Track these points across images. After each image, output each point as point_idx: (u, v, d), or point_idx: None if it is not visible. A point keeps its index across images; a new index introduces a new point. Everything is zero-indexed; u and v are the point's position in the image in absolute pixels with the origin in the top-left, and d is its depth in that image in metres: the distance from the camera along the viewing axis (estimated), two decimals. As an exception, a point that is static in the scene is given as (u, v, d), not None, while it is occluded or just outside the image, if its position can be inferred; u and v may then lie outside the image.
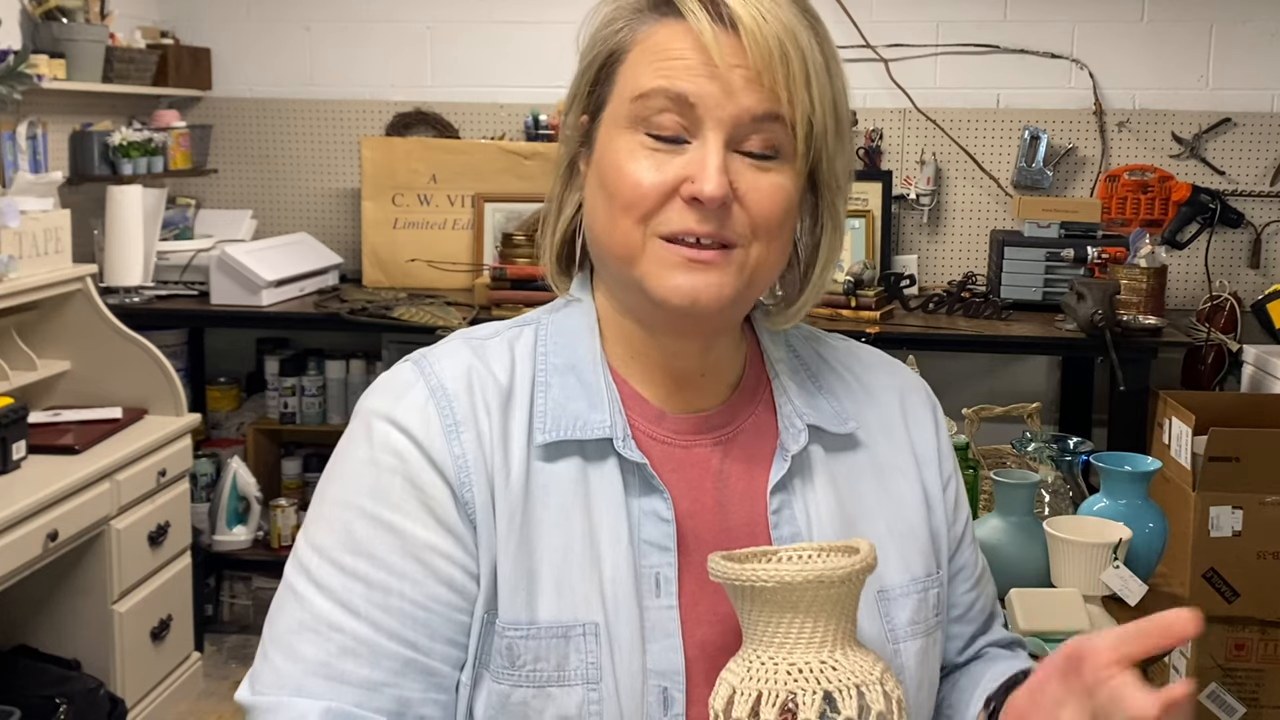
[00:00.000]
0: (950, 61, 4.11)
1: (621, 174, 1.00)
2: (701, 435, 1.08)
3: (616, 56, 1.03)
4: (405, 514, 0.99)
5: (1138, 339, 3.49)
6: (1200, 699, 3.27)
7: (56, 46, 3.55)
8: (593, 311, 1.09)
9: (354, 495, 1.01)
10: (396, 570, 0.99)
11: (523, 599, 0.99)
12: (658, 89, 0.99)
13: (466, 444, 1.01)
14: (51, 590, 3.01)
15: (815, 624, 0.93)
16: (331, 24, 4.31)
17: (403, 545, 0.99)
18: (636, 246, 1.00)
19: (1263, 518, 3.16)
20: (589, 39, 1.07)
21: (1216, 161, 4.04)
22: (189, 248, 3.94)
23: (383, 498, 1.00)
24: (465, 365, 1.06)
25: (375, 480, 1.00)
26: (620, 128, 1.01)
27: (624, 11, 1.04)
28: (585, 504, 1.02)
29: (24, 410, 2.89)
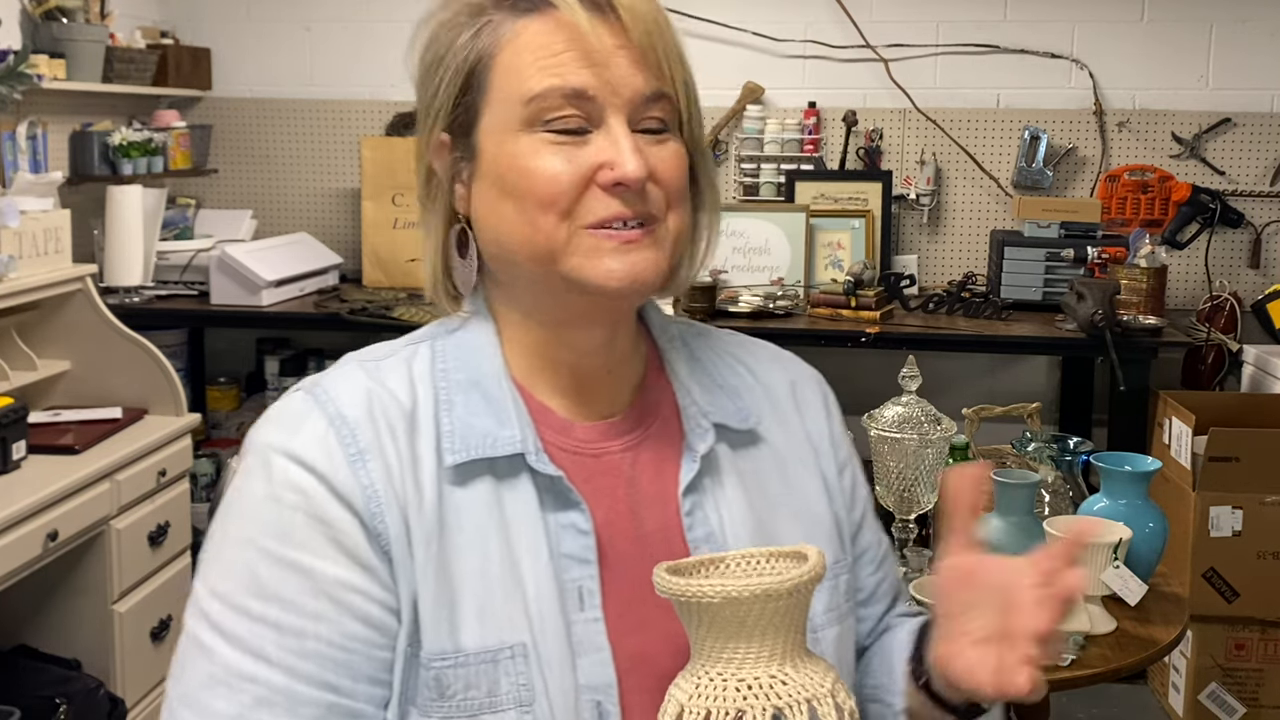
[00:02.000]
0: (950, 61, 4.11)
1: (532, 174, 0.98)
2: (611, 442, 1.06)
3: (483, 64, 1.00)
4: (313, 552, 0.95)
5: (1138, 339, 3.48)
6: (1200, 699, 3.27)
7: (56, 46, 3.55)
8: (491, 325, 1.06)
9: (256, 535, 0.96)
10: (309, 611, 0.94)
11: (445, 628, 0.95)
12: (551, 88, 0.97)
13: (374, 473, 0.97)
14: (51, 590, 3.01)
15: (764, 638, 0.91)
16: (331, 24, 4.31)
17: (313, 585, 0.94)
18: (560, 242, 0.98)
19: (1263, 518, 3.16)
20: (434, 55, 1.02)
21: (1216, 161, 4.04)
22: (189, 248, 3.94)
23: (287, 536, 0.95)
24: (363, 389, 1.02)
25: (278, 518, 0.95)
26: (513, 131, 0.98)
27: (467, 19, 1.01)
28: (501, 523, 0.99)
29: (24, 410, 2.89)
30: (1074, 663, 1.91)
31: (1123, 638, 2.01)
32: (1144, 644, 2.00)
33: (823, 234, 3.98)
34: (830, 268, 3.96)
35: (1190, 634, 3.17)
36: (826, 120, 4.14)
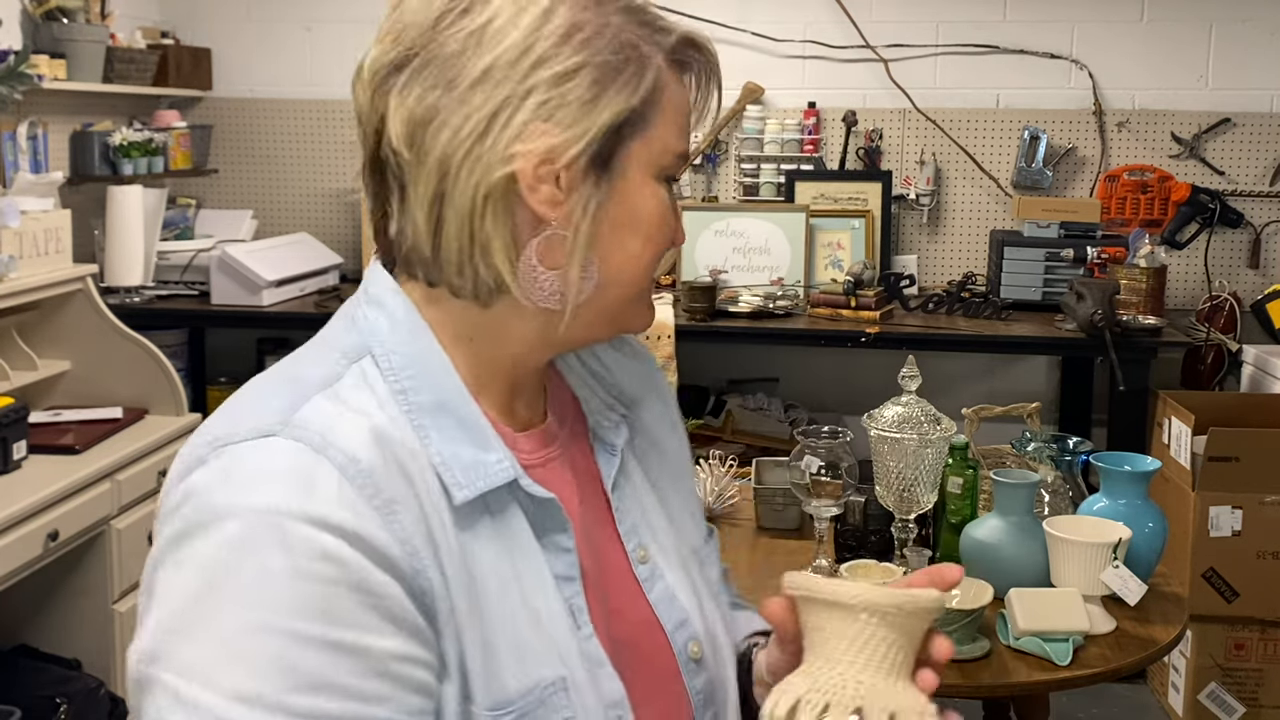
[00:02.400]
0: (950, 61, 4.11)
1: (664, 223, 0.96)
2: (549, 449, 1.01)
3: (654, 102, 0.94)
4: (362, 628, 0.81)
5: (1137, 339, 3.49)
6: (1200, 699, 3.27)
7: (57, 47, 3.55)
8: (429, 334, 0.94)
9: (283, 620, 0.79)
10: (367, 695, 0.81)
11: (492, 677, 0.89)
12: (684, 153, 0.98)
13: (406, 525, 0.85)
14: (52, 590, 3.01)
15: (888, 650, 0.93)
16: (331, 24, 4.31)
17: (367, 664, 0.81)
18: (645, 291, 0.99)
19: (1262, 517, 3.16)
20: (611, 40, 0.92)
21: (1216, 161, 4.05)
22: (189, 248, 3.95)
23: (329, 615, 0.80)
24: (360, 425, 0.87)
25: (312, 596, 0.80)
26: (651, 175, 0.94)
27: (654, 48, 0.96)
28: (509, 556, 0.92)
29: (24, 410, 2.89)
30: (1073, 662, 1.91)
31: (1122, 637, 2.01)
32: (1144, 644, 2.00)
33: (823, 234, 3.98)
34: (830, 268, 3.96)
35: (1190, 634, 3.17)
36: (826, 120, 4.14)
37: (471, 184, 0.89)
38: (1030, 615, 1.94)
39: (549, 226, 0.91)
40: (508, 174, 0.88)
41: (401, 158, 0.91)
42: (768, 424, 4.02)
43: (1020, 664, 1.91)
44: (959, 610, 1.90)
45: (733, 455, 2.69)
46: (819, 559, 2.22)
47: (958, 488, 2.19)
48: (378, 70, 0.92)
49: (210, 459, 0.84)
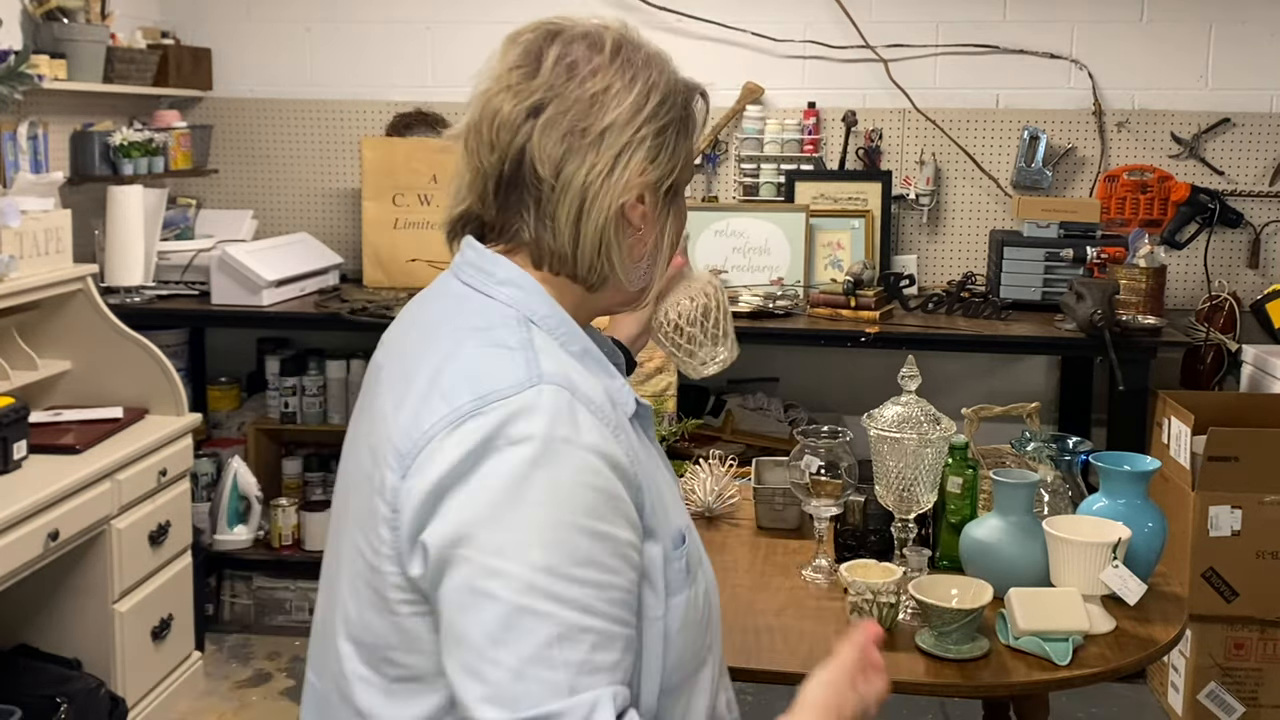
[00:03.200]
0: (950, 62, 4.11)
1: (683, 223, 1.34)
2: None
3: (689, 154, 1.31)
4: (610, 522, 1.13)
5: (1137, 339, 3.49)
6: (1199, 698, 3.28)
7: (57, 47, 3.55)
8: (553, 300, 1.25)
9: (571, 517, 1.10)
10: (612, 568, 1.12)
11: (668, 532, 1.22)
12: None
13: (624, 444, 1.18)
14: (52, 590, 3.01)
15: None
16: (332, 24, 4.32)
17: (613, 548, 1.12)
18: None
19: (1262, 517, 3.17)
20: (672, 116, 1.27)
21: (1216, 161, 4.05)
22: (190, 248, 3.95)
23: (595, 513, 1.11)
24: (581, 373, 1.20)
25: (586, 499, 1.11)
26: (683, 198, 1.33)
27: (693, 100, 1.32)
28: (645, 447, 1.27)
29: (25, 410, 2.89)
30: (1073, 662, 1.91)
31: (1122, 637, 2.01)
32: (1143, 643, 2.00)
33: (822, 234, 3.98)
34: (830, 268, 3.97)
35: (1189, 633, 3.17)
36: (826, 120, 4.14)
37: (604, 207, 1.21)
38: (1030, 615, 1.94)
39: (639, 232, 1.25)
40: (628, 200, 1.22)
41: (545, 183, 1.20)
42: (767, 424, 4.03)
43: (1020, 664, 1.91)
44: (959, 610, 1.90)
45: (733, 455, 2.69)
46: (819, 559, 2.22)
47: (957, 487, 2.19)
48: (517, 115, 1.21)
49: (488, 410, 1.11)
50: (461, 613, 1.08)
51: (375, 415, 1.22)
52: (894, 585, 2.00)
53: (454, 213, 1.28)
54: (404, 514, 1.12)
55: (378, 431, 1.19)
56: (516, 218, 1.24)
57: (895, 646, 1.96)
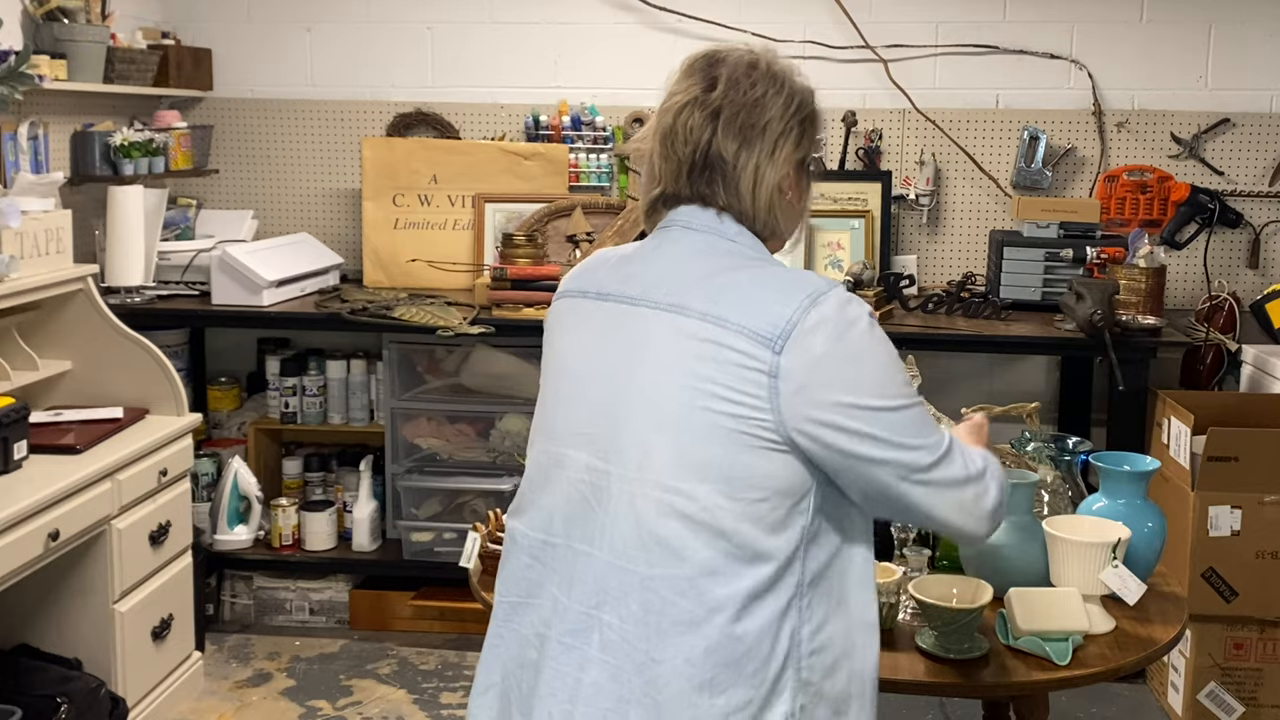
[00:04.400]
0: (950, 62, 4.11)
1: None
2: None
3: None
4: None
5: (1137, 339, 3.49)
6: (1199, 698, 3.28)
7: (58, 47, 3.55)
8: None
9: (891, 357, 1.60)
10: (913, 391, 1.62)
11: None
12: None
13: None
14: (52, 590, 3.01)
15: None
16: (332, 25, 4.32)
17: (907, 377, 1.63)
18: None
19: (1261, 517, 3.17)
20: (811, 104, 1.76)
21: (1215, 162, 4.05)
22: (190, 248, 3.95)
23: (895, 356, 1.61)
24: None
25: (890, 349, 1.61)
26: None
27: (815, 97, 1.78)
28: None
29: (25, 410, 2.89)
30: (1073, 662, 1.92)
31: (1122, 637, 2.02)
32: (1143, 643, 2.01)
33: (822, 234, 3.98)
34: (830, 268, 3.97)
35: (1189, 633, 3.17)
36: (826, 120, 4.14)
37: (770, 181, 1.63)
38: (1030, 615, 1.94)
39: (790, 196, 1.67)
40: (784, 174, 1.65)
41: (728, 164, 1.62)
42: (768, 424, 4.03)
43: (1020, 664, 1.92)
44: (959, 610, 1.90)
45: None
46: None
47: None
48: (704, 120, 1.61)
49: (822, 300, 1.54)
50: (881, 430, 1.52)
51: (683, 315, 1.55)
52: (894, 585, 2.01)
53: (653, 194, 1.68)
54: (785, 380, 1.49)
55: (704, 328, 1.53)
56: (709, 191, 1.63)
57: (895, 646, 1.96)
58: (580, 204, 4.07)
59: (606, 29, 4.19)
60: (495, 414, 3.93)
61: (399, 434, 3.96)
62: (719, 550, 1.49)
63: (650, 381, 1.54)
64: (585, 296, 1.66)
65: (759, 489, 1.49)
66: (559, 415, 1.62)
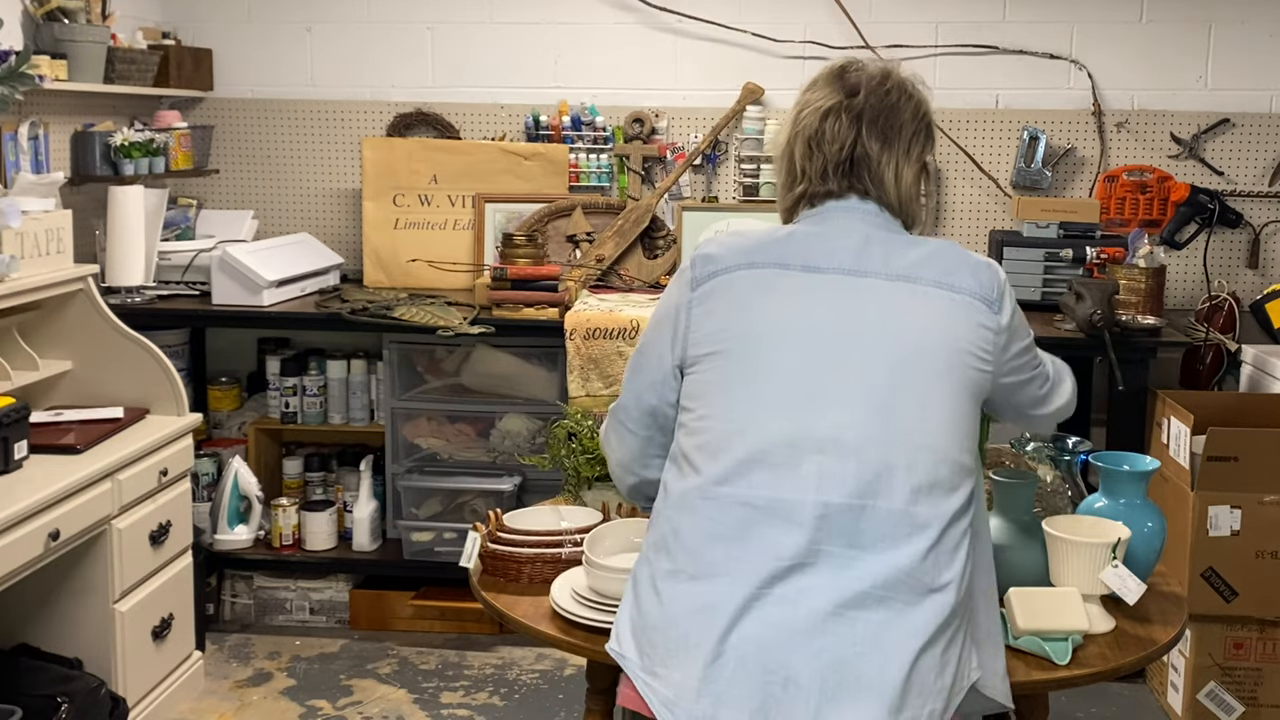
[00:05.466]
0: (949, 62, 4.11)
1: None
2: None
3: None
4: None
5: (1136, 339, 3.49)
6: (1199, 698, 3.28)
7: (58, 47, 3.55)
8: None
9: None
10: None
11: None
12: None
13: None
14: (53, 589, 3.02)
15: None
16: (333, 25, 4.32)
17: None
18: None
19: (1261, 517, 3.17)
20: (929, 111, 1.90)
21: (1215, 162, 4.05)
22: (190, 248, 3.95)
23: None
24: None
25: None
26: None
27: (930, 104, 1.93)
28: None
29: (25, 410, 2.89)
30: (1073, 662, 1.92)
31: (1121, 637, 2.02)
32: (1143, 643, 2.01)
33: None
34: (830, 268, 3.96)
35: (1189, 633, 3.17)
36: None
37: (909, 177, 1.84)
38: (1030, 615, 1.94)
39: (920, 190, 1.87)
40: (916, 170, 1.85)
41: (874, 162, 1.81)
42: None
43: (1020, 663, 1.92)
44: None
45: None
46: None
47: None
48: (849, 122, 1.80)
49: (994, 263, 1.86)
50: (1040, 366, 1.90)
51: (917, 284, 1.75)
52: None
53: (797, 191, 1.84)
54: (1001, 334, 1.76)
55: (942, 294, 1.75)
56: (858, 185, 1.81)
57: (895, 646, 1.96)
58: (580, 204, 4.07)
59: (606, 29, 4.20)
60: (495, 414, 3.93)
61: (399, 434, 3.96)
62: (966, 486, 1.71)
63: (912, 341, 1.70)
64: (774, 268, 1.77)
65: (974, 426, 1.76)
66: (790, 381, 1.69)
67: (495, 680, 3.58)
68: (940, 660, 1.60)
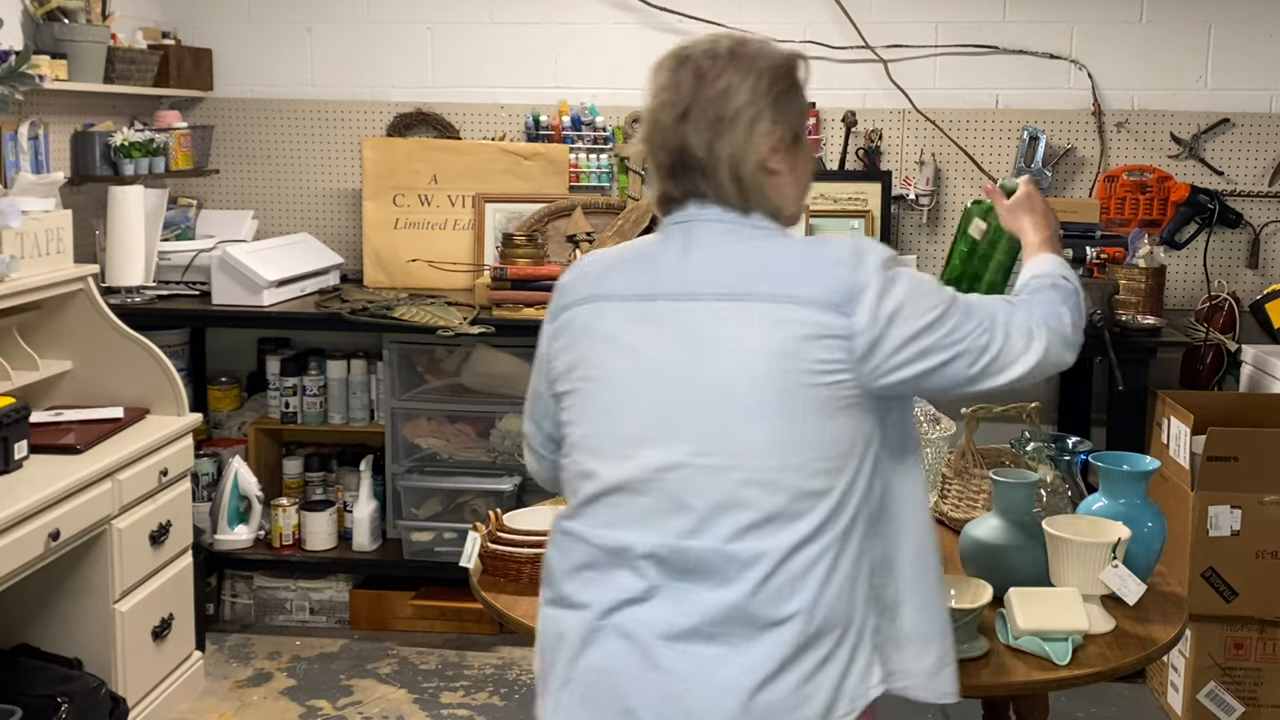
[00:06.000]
0: (949, 62, 4.11)
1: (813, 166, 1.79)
2: None
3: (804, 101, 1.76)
4: None
5: (1136, 339, 3.49)
6: (1199, 698, 3.28)
7: (58, 47, 3.55)
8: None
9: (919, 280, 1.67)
10: None
11: None
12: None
13: None
14: (53, 589, 3.02)
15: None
16: (333, 25, 4.32)
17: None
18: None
19: (1261, 517, 3.17)
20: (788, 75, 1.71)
21: (1215, 162, 4.05)
22: (190, 248, 3.95)
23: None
24: None
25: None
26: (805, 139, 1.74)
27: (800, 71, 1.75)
28: None
29: (26, 410, 2.89)
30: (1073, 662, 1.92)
31: (1121, 637, 2.02)
32: (1143, 643, 2.01)
33: (823, 234, 3.98)
34: (830, 268, 3.96)
35: (1189, 633, 3.17)
36: (826, 121, 4.15)
37: (753, 163, 1.64)
38: (1029, 615, 1.94)
39: (780, 174, 1.66)
40: (761, 155, 1.64)
41: (704, 161, 1.64)
42: (767, 424, 4.03)
43: (1019, 663, 1.92)
44: (959, 610, 1.90)
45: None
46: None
47: (979, 233, 2.16)
48: (673, 120, 1.65)
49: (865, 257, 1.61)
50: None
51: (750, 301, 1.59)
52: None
53: (654, 195, 1.73)
54: (859, 338, 1.57)
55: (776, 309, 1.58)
56: (693, 189, 1.66)
57: (895, 646, 1.96)
58: (580, 204, 4.07)
59: (606, 29, 4.20)
60: (495, 414, 3.93)
61: (399, 434, 3.96)
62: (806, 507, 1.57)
63: (735, 370, 1.57)
64: (611, 300, 1.67)
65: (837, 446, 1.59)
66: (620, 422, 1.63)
67: (495, 680, 3.58)
68: (798, 691, 1.54)
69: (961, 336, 1.66)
